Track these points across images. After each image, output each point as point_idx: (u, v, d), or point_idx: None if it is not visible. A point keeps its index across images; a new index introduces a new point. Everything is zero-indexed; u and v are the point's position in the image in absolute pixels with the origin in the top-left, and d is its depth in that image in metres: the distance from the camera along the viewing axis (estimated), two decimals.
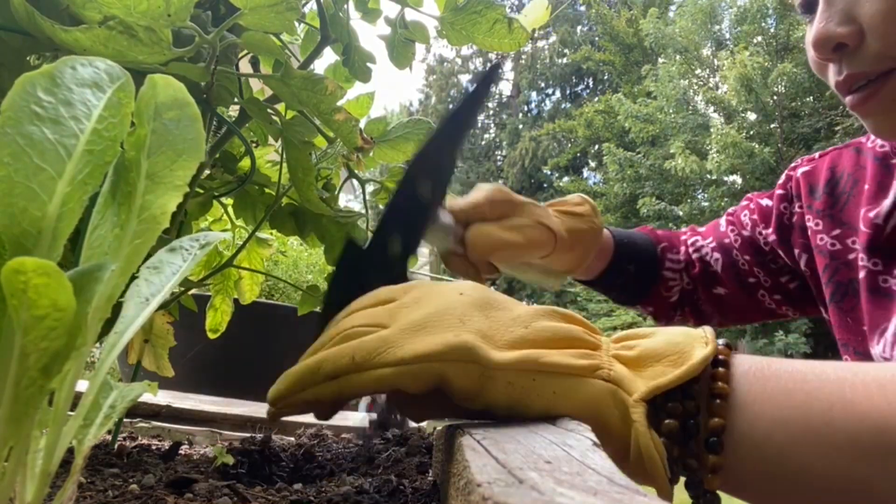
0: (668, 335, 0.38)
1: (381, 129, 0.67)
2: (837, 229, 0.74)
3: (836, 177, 0.77)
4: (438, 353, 0.34)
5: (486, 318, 0.38)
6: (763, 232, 0.83)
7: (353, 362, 0.35)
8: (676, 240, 0.92)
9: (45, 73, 0.22)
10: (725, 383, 0.37)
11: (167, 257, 0.27)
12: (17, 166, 0.21)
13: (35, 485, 0.23)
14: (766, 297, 0.85)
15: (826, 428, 0.35)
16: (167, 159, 0.25)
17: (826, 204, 0.76)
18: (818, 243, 0.75)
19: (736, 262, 0.85)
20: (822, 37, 0.60)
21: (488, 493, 0.20)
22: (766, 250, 0.84)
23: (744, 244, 0.85)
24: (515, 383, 0.35)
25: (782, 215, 0.82)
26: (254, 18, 0.46)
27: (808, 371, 0.37)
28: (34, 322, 0.20)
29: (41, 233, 0.21)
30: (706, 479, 0.36)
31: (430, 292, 0.40)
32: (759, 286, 0.85)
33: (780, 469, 0.36)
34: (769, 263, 0.84)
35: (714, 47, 15.50)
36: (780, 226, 0.81)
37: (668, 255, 0.89)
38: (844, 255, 0.72)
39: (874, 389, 0.35)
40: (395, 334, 0.36)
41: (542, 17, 0.63)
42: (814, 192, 0.78)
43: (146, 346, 0.70)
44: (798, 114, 13.28)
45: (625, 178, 15.03)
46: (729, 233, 0.87)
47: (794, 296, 0.84)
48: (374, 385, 0.35)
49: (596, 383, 0.35)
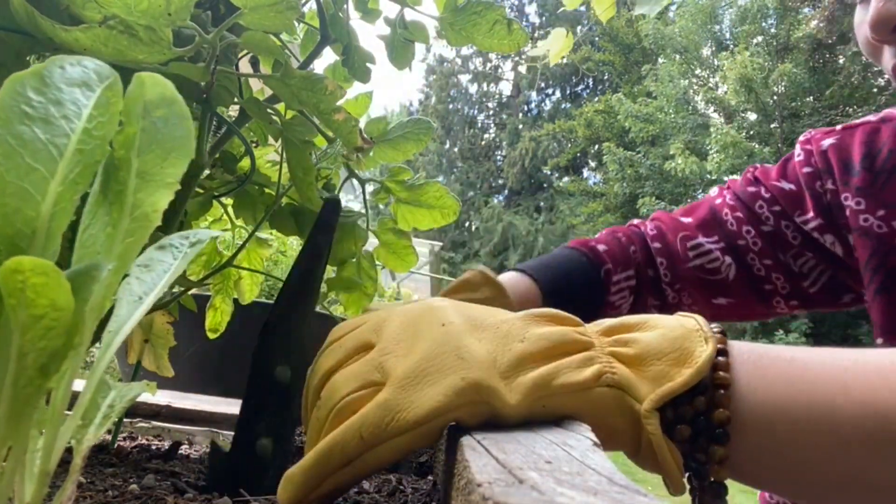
0: (663, 329, 0.37)
1: (381, 128, 0.67)
2: (882, 210, 0.66)
3: (872, 152, 0.69)
4: (449, 405, 0.32)
5: (479, 342, 0.35)
6: (797, 220, 0.74)
7: (363, 442, 0.32)
8: (626, 247, 0.82)
9: (35, 73, 0.22)
10: (727, 372, 0.36)
11: (157, 255, 0.27)
12: (10, 166, 0.21)
13: (34, 485, 0.23)
14: (780, 304, 0.79)
15: (829, 416, 0.34)
16: (157, 157, 0.25)
17: (866, 181, 0.68)
18: (861, 224, 0.67)
19: (751, 267, 0.78)
20: (882, 16, 0.57)
21: (488, 493, 0.20)
22: (793, 244, 0.75)
23: (765, 245, 0.76)
24: (528, 417, 0.34)
25: (820, 196, 0.72)
26: (254, 18, 0.46)
27: (808, 359, 0.37)
28: (32, 321, 0.20)
29: (35, 233, 0.21)
30: (713, 471, 0.36)
31: (410, 328, 0.37)
32: (776, 293, 0.78)
33: (783, 457, 0.36)
34: (791, 266, 0.76)
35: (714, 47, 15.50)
36: (822, 207, 0.72)
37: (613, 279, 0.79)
38: (893, 239, 0.65)
39: (875, 376, 0.34)
40: (395, 396, 0.33)
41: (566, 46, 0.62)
42: (849, 169, 0.70)
43: (146, 345, 0.70)
44: (798, 114, 13.27)
45: (625, 177, 15.03)
46: (744, 233, 0.77)
47: (813, 299, 0.77)
48: (392, 457, 0.33)
49: (602, 392, 0.34)
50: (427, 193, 0.68)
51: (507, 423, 0.33)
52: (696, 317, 0.38)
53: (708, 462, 0.36)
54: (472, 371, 0.33)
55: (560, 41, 0.60)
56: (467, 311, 0.38)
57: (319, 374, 0.38)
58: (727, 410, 0.35)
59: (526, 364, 0.34)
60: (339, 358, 0.38)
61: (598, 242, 0.83)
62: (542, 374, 0.34)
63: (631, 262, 0.82)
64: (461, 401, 0.32)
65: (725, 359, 0.36)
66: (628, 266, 0.81)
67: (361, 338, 0.38)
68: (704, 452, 0.36)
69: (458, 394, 0.32)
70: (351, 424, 0.33)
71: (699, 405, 0.35)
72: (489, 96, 26.86)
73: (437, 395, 0.32)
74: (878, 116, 0.73)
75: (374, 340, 0.38)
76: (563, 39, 0.60)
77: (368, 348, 0.38)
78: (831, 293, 0.76)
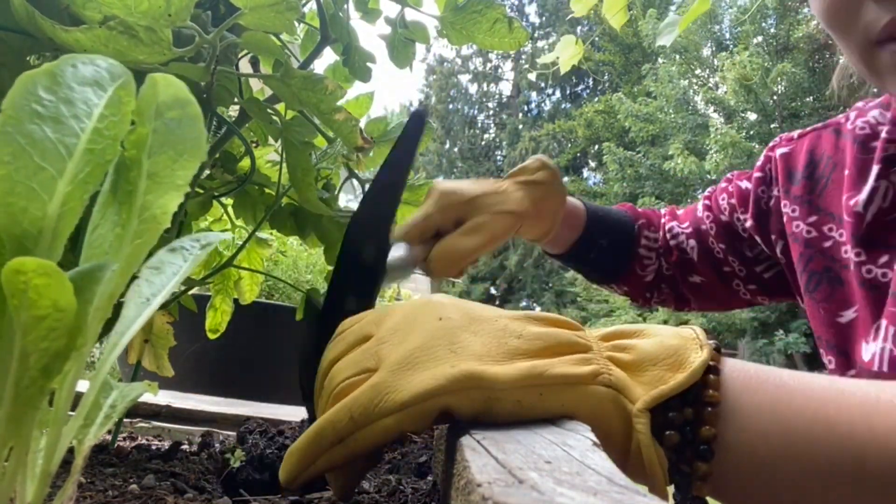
0: (661, 337, 0.38)
1: (381, 128, 0.67)
2: (814, 216, 0.70)
3: (815, 160, 0.73)
4: (439, 389, 0.33)
5: (474, 336, 0.36)
6: (741, 217, 0.80)
7: (353, 421, 0.34)
8: (657, 218, 0.90)
9: (46, 72, 0.22)
10: (716, 391, 0.36)
11: (168, 257, 0.27)
12: (18, 165, 0.21)
13: (35, 485, 0.23)
14: (741, 287, 0.83)
15: (807, 448, 0.35)
16: (168, 159, 0.25)
17: (804, 189, 0.72)
18: (793, 230, 0.72)
19: (711, 250, 0.83)
20: None
21: (488, 493, 0.20)
22: (743, 237, 0.80)
23: (719, 231, 0.82)
24: (523, 401, 0.34)
25: (760, 199, 0.78)
26: (254, 18, 0.46)
27: (796, 386, 0.37)
28: (35, 322, 0.20)
29: (41, 232, 0.21)
30: (695, 486, 0.36)
31: (407, 321, 0.38)
32: (735, 275, 0.82)
33: (761, 482, 0.36)
34: (745, 251, 0.81)
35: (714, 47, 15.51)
36: (759, 211, 0.78)
37: (644, 233, 0.86)
38: (820, 243, 0.69)
39: (857, 412, 0.35)
40: (386, 379, 0.34)
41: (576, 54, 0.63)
42: (792, 177, 0.74)
43: (146, 346, 0.70)
44: (798, 114, 13.28)
45: (625, 177, 15.04)
46: (705, 219, 0.84)
47: (769, 286, 0.81)
48: (382, 437, 0.34)
49: (598, 390, 0.35)
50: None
51: (502, 410, 0.34)
52: (695, 328, 0.39)
53: (691, 477, 0.36)
54: (463, 361, 0.34)
55: (570, 48, 0.60)
56: (466, 307, 0.39)
57: (324, 365, 0.40)
58: (713, 428, 0.36)
59: (521, 359, 0.35)
60: (341, 349, 0.39)
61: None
62: (537, 363, 0.34)
63: (659, 227, 0.89)
64: (452, 386, 0.33)
65: (717, 377, 0.37)
66: (657, 230, 0.88)
67: (363, 330, 0.40)
68: (689, 466, 0.36)
69: (448, 379, 0.33)
70: (343, 405, 0.34)
71: (688, 415, 0.36)
72: (489, 96, 26.87)
73: (427, 378, 0.33)
74: (824, 124, 0.75)
75: (374, 332, 0.39)
76: (573, 47, 0.60)
77: (369, 339, 0.39)
78: (784, 284, 0.79)
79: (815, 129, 0.76)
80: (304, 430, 0.37)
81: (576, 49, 0.61)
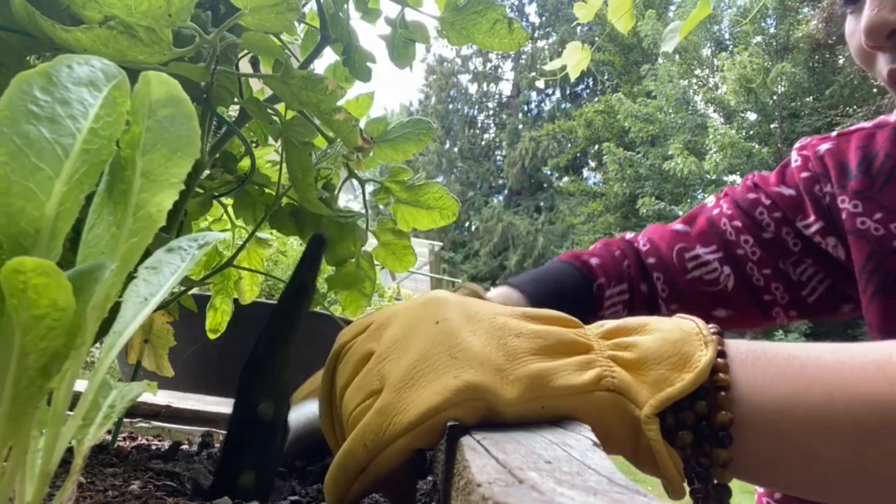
0: (663, 332, 0.37)
1: (381, 128, 0.67)
2: (879, 213, 0.67)
3: (869, 156, 0.70)
4: (444, 403, 0.32)
5: (473, 335, 0.35)
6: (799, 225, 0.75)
7: (368, 449, 0.33)
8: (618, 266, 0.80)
9: (42, 72, 0.22)
10: (726, 374, 0.36)
11: (166, 257, 0.27)
12: (15, 165, 0.21)
13: (34, 485, 0.23)
14: (780, 314, 0.79)
15: (829, 413, 0.34)
16: (162, 157, 0.25)
17: (863, 185, 0.69)
18: (859, 227, 0.68)
19: (750, 277, 0.77)
20: (876, 23, 0.58)
21: (488, 493, 0.20)
22: (793, 251, 0.75)
23: (764, 254, 0.76)
24: (526, 416, 0.34)
25: (819, 199, 0.73)
26: (254, 18, 0.46)
27: (805, 356, 0.37)
28: (33, 322, 0.20)
29: (39, 232, 0.21)
30: (717, 474, 0.36)
31: (406, 329, 0.37)
32: (775, 303, 0.78)
33: (785, 456, 0.36)
34: (790, 275, 0.76)
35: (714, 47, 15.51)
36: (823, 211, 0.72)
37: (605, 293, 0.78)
38: (891, 241, 0.66)
39: (873, 371, 0.34)
40: (391, 401, 0.33)
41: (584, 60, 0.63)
42: (846, 172, 0.71)
43: (146, 346, 0.70)
44: (797, 114, 13.29)
45: (625, 177, 15.05)
46: (742, 243, 0.77)
47: (811, 309, 0.77)
48: (399, 458, 0.33)
49: (603, 397, 0.34)
50: (427, 194, 0.68)
51: (504, 419, 0.33)
52: (695, 319, 0.38)
53: (711, 465, 0.36)
54: (465, 370, 0.33)
55: (577, 54, 0.60)
56: (464, 304, 0.38)
57: (338, 395, 0.39)
58: (729, 412, 0.35)
59: (522, 359, 0.34)
60: (347, 374, 0.39)
61: (591, 256, 0.82)
62: (540, 371, 0.34)
63: (624, 277, 0.81)
64: (457, 399, 0.32)
65: (724, 360, 0.36)
66: (622, 280, 0.81)
67: (363, 349, 0.39)
68: (707, 456, 0.36)
69: (452, 392, 0.32)
70: (356, 434, 0.34)
71: (700, 409, 0.35)
72: (489, 96, 26.88)
73: (430, 395, 0.33)
74: (873, 123, 0.73)
75: (374, 348, 0.38)
76: (580, 52, 0.60)
77: (371, 355, 0.38)
78: (829, 302, 0.76)
79: (862, 128, 0.74)
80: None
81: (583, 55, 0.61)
